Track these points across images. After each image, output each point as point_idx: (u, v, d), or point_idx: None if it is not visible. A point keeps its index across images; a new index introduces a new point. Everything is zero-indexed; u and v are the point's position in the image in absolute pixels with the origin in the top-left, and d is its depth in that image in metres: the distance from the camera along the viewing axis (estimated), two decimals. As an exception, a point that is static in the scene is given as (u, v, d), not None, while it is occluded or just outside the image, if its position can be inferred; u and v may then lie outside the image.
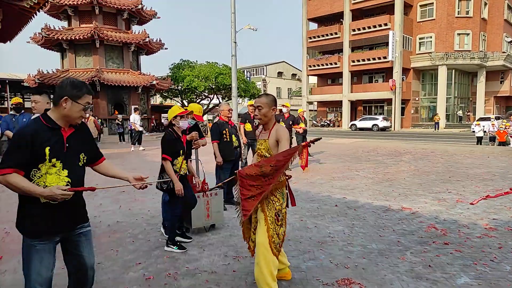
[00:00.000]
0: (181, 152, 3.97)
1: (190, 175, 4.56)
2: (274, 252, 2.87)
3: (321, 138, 3.01)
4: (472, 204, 5.78)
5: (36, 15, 10.44)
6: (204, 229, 4.66)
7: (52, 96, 2.20)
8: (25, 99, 34.75)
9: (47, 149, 2.02)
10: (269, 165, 2.74)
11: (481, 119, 23.49)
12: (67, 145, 2.12)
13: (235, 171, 2.92)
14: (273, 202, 2.90)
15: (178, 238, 4.17)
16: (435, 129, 31.04)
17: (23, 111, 7.28)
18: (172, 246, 3.98)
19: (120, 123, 21.08)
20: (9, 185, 1.99)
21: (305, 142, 2.84)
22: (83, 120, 2.24)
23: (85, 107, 2.15)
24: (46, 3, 9.62)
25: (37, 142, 2.00)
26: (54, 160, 2.05)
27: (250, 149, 8.52)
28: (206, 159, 4.97)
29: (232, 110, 5.87)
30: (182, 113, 3.93)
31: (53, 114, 2.12)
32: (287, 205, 3.05)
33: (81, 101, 2.12)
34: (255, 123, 8.25)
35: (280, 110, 9.85)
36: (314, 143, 2.84)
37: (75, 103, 2.09)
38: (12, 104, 7.20)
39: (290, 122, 9.65)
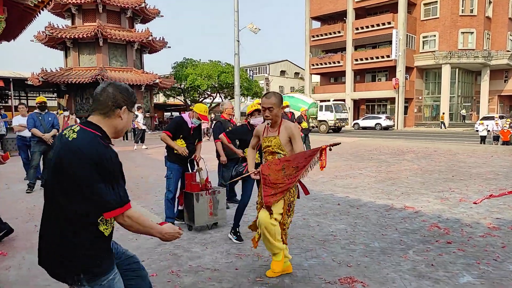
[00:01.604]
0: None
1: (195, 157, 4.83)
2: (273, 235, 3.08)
3: (340, 143, 3.15)
4: (475, 203, 5.77)
5: (40, 13, 10.47)
6: (207, 227, 4.67)
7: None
8: (28, 98, 34.93)
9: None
10: (291, 166, 2.92)
11: (485, 118, 23.37)
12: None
13: (258, 169, 3.09)
14: (289, 194, 3.10)
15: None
16: (441, 128, 31.12)
17: (46, 110, 7.38)
18: (233, 235, 4.22)
19: (124, 121, 21.14)
20: (133, 224, 1.64)
21: (325, 145, 2.96)
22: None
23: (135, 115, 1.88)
24: (50, 2, 9.65)
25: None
26: None
27: None
28: (208, 157, 4.98)
29: (233, 108, 5.88)
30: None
31: (106, 128, 1.67)
32: (298, 196, 3.26)
33: (134, 109, 1.78)
34: (268, 123, 8.29)
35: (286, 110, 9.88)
36: (333, 147, 3.03)
37: (130, 113, 1.74)
38: (36, 103, 7.32)
39: (294, 121, 9.66)
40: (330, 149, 2.97)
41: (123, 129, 1.73)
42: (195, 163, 4.85)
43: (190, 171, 4.78)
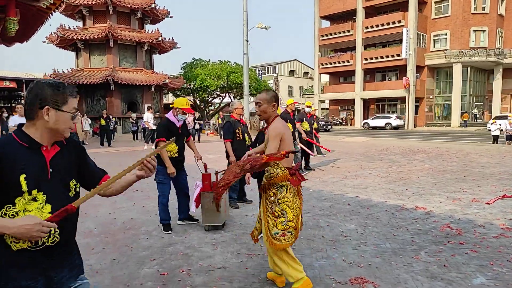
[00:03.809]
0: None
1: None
2: (274, 243, 2.87)
3: (297, 151, 2.95)
4: (488, 203, 5.68)
5: (52, 15, 10.59)
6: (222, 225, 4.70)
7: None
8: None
9: (22, 177, 1.46)
10: (248, 163, 2.74)
11: (498, 117, 22.98)
12: (51, 170, 1.55)
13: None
14: (270, 196, 2.94)
15: None
16: (465, 127, 30.83)
17: None
18: None
19: (134, 121, 21.31)
20: None
21: (284, 151, 2.75)
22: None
23: (74, 115, 1.62)
24: (62, 3, 9.77)
25: (8, 166, 1.44)
26: (34, 191, 1.49)
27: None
28: (217, 157, 5.00)
29: (243, 108, 5.87)
30: None
31: (30, 129, 1.55)
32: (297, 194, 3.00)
33: (67, 107, 1.59)
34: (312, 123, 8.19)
35: (289, 110, 9.15)
36: (288, 154, 2.81)
37: (60, 112, 1.56)
38: None
39: (313, 122, 9.34)
40: (287, 156, 2.78)
41: (52, 131, 1.56)
42: (200, 165, 4.85)
43: (203, 171, 4.75)
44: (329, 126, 30.97)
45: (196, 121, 22.25)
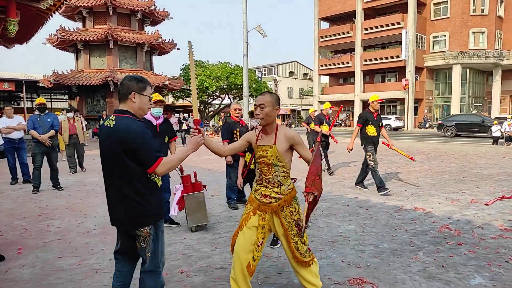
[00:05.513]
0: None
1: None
2: (307, 261, 2.70)
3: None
4: (487, 204, 5.70)
5: (52, 16, 10.59)
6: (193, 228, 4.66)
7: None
8: (40, 99, 35.37)
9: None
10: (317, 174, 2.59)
11: (497, 119, 23.02)
12: None
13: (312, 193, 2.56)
14: (291, 213, 2.67)
15: None
16: None
17: (47, 111, 7.46)
18: None
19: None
20: (169, 168, 2.19)
21: (317, 137, 2.73)
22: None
23: (150, 97, 2.33)
24: (62, 5, 9.78)
25: None
26: None
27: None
28: (216, 157, 5.01)
29: (240, 109, 5.83)
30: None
31: (131, 110, 2.26)
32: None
33: (146, 92, 2.28)
34: (258, 123, 7.90)
35: (372, 109, 8.49)
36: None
37: (142, 96, 2.26)
38: (36, 104, 7.39)
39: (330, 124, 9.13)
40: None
41: (140, 109, 2.25)
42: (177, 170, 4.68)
43: (180, 174, 4.71)
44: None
45: (183, 121, 22.01)
